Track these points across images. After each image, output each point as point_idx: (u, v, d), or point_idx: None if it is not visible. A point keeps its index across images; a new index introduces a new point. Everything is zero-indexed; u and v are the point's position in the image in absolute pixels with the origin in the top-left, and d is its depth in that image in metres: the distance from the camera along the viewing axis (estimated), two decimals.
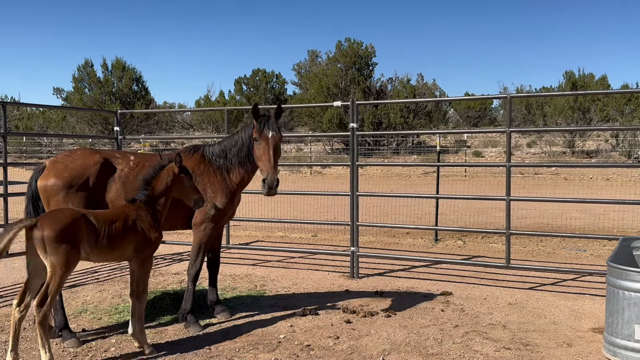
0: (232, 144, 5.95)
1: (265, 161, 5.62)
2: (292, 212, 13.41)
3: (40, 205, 5.50)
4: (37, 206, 5.52)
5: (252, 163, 5.88)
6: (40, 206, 5.50)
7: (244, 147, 5.87)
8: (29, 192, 5.53)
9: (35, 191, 5.49)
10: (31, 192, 5.51)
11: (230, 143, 5.97)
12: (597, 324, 5.92)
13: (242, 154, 5.88)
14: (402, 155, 34.77)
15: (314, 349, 5.22)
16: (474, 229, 9.92)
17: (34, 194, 5.50)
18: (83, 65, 41.39)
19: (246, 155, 5.87)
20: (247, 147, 5.85)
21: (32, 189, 5.50)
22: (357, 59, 39.67)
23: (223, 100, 43.31)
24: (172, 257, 9.57)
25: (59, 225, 4.37)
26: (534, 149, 34.83)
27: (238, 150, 5.89)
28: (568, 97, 33.54)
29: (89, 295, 7.11)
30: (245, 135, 5.89)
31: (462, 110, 46.97)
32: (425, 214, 12.91)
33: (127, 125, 37.72)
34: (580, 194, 16.76)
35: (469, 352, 5.15)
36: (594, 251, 9.85)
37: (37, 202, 5.52)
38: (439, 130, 11.46)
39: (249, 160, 5.88)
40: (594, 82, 36.75)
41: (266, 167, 5.60)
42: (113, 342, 5.38)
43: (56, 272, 4.37)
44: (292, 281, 7.88)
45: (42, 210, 5.48)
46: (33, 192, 5.50)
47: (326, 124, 36.33)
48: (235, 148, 5.91)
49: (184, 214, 5.76)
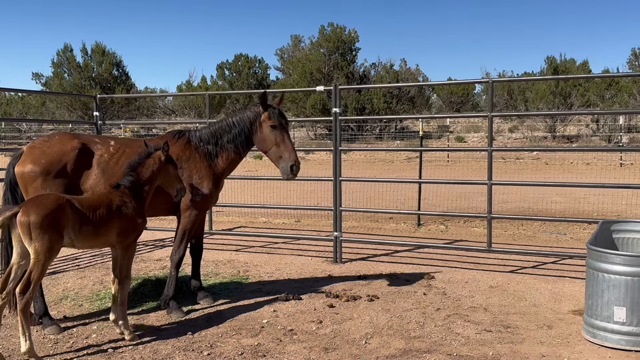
0: (225, 129, 5.92)
1: (290, 148, 5.84)
2: (275, 198, 13.38)
3: (19, 191, 5.42)
4: (15, 192, 5.44)
5: (247, 148, 5.99)
6: (19, 192, 5.42)
7: (242, 133, 5.89)
8: (7, 178, 5.44)
9: (13, 177, 5.40)
10: (9, 178, 5.43)
11: (223, 128, 5.93)
12: (577, 306, 6.00)
13: (240, 139, 5.90)
14: (385, 140, 34.81)
15: (297, 334, 5.23)
16: (456, 213, 9.99)
17: (12, 180, 5.41)
18: (62, 50, 40.82)
19: (244, 140, 5.91)
20: (247, 131, 5.89)
21: (10, 175, 5.42)
22: (340, 44, 39.57)
23: (205, 86, 42.94)
24: (154, 243, 9.51)
25: (44, 210, 4.31)
26: (515, 134, 35.09)
27: (235, 135, 5.89)
28: (550, 82, 33.79)
29: (70, 282, 7.04)
30: (244, 121, 5.90)
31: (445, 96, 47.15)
32: (408, 199, 12.96)
33: (107, 111, 37.26)
34: (561, 179, 16.94)
35: (451, 334, 5.19)
36: (574, 234, 9.96)
37: (15, 188, 5.44)
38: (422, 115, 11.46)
39: (245, 146, 5.95)
40: (575, 67, 37.04)
41: (290, 153, 5.81)
42: (94, 328, 5.34)
43: (40, 258, 4.31)
44: (276, 266, 7.87)
45: (21, 196, 5.40)
46: (11, 179, 5.41)
47: (309, 109, 36.26)
48: (229, 134, 5.89)
49: (167, 199, 5.70)
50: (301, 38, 45.83)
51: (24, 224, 4.27)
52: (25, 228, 4.27)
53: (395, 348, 4.88)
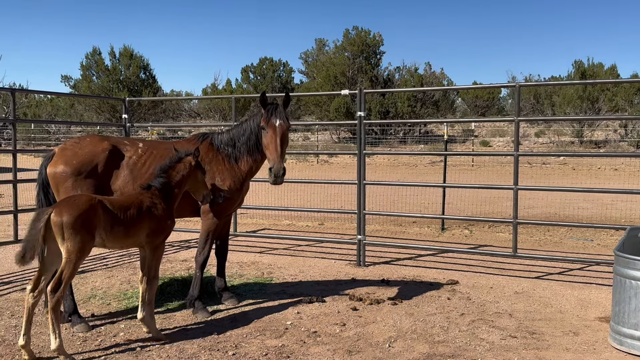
0: (240, 132, 5.96)
1: (272, 150, 5.63)
2: (299, 201, 13.43)
3: (51, 192, 5.54)
4: (47, 193, 5.56)
5: (261, 152, 5.88)
6: (51, 193, 5.54)
7: (252, 136, 5.87)
8: (40, 179, 5.57)
9: (45, 178, 5.52)
10: (41, 179, 5.55)
11: (239, 132, 5.97)
12: (603, 313, 5.93)
13: (250, 142, 5.89)
14: (409, 144, 34.70)
15: (321, 336, 5.26)
16: (481, 217, 9.92)
17: (44, 181, 5.54)
18: (91, 53, 41.38)
19: (255, 144, 5.87)
20: (256, 135, 5.85)
21: (43, 176, 5.54)
22: (364, 48, 39.50)
23: (230, 89, 43.24)
24: (180, 244, 9.63)
25: (77, 211, 4.41)
26: (542, 139, 34.68)
27: (247, 139, 5.90)
28: (577, 86, 33.33)
29: (98, 281, 7.17)
30: (253, 124, 5.89)
31: (470, 100, 46.75)
32: (432, 203, 12.91)
33: (134, 113, 37.78)
34: (588, 184, 16.71)
35: (475, 340, 5.17)
36: (601, 241, 9.83)
37: (47, 189, 5.56)
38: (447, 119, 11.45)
39: (257, 149, 5.89)
40: (603, 71, 36.45)
41: (273, 156, 5.62)
42: (122, 327, 5.44)
43: (71, 258, 4.41)
44: (299, 269, 7.91)
45: (53, 197, 5.52)
46: (43, 179, 5.54)
47: (333, 113, 36.27)
48: (243, 137, 5.91)
49: (193, 201, 5.79)
50: (325, 42, 46.02)
51: (56, 224, 4.37)
52: (58, 228, 4.37)
53: (419, 352, 4.88)
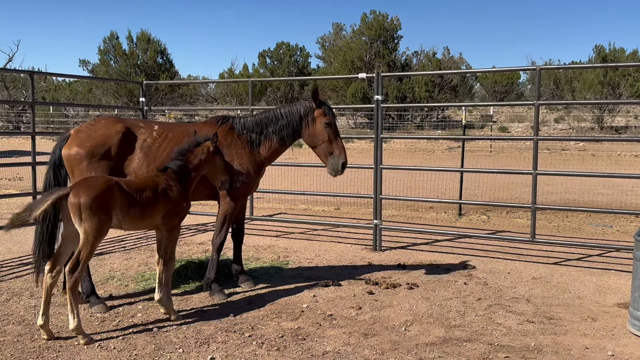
0: (272, 119, 6.07)
1: (341, 145, 6.05)
2: (314, 185, 13.42)
3: (62, 172, 5.54)
4: (58, 173, 5.55)
5: (292, 140, 6.15)
6: (62, 174, 5.54)
7: (290, 125, 6.04)
8: (52, 159, 5.56)
9: (58, 159, 5.53)
10: (54, 159, 5.55)
11: (270, 118, 6.07)
12: (622, 299, 5.86)
13: (287, 130, 6.04)
14: (426, 130, 34.43)
15: (337, 319, 5.26)
16: (499, 203, 9.84)
17: (57, 161, 5.54)
18: (109, 37, 41.60)
19: (291, 133, 6.06)
20: (296, 124, 6.04)
21: (56, 156, 5.54)
22: (382, 32, 39.15)
23: (247, 74, 43.20)
24: (197, 227, 9.68)
25: (94, 192, 4.44)
26: (561, 125, 34.23)
27: (282, 127, 6.04)
28: (597, 71, 32.76)
29: (116, 263, 7.24)
30: (293, 113, 6.05)
31: (489, 85, 46.20)
32: (449, 188, 12.83)
33: (152, 98, 37.94)
34: (608, 170, 16.48)
35: (492, 324, 5.15)
36: (620, 227, 9.71)
37: (59, 169, 5.55)
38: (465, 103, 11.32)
39: (292, 138, 6.11)
40: (624, 56, 35.81)
41: (341, 151, 6.01)
42: (140, 308, 5.49)
43: (89, 239, 4.45)
44: (315, 253, 7.92)
45: (64, 178, 5.54)
46: (56, 160, 5.54)
47: (350, 97, 36.09)
48: (276, 125, 6.04)
49: (209, 185, 5.79)
50: (343, 26, 45.68)
51: (74, 205, 4.40)
52: (76, 209, 4.40)
53: (435, 336, 4.87)
